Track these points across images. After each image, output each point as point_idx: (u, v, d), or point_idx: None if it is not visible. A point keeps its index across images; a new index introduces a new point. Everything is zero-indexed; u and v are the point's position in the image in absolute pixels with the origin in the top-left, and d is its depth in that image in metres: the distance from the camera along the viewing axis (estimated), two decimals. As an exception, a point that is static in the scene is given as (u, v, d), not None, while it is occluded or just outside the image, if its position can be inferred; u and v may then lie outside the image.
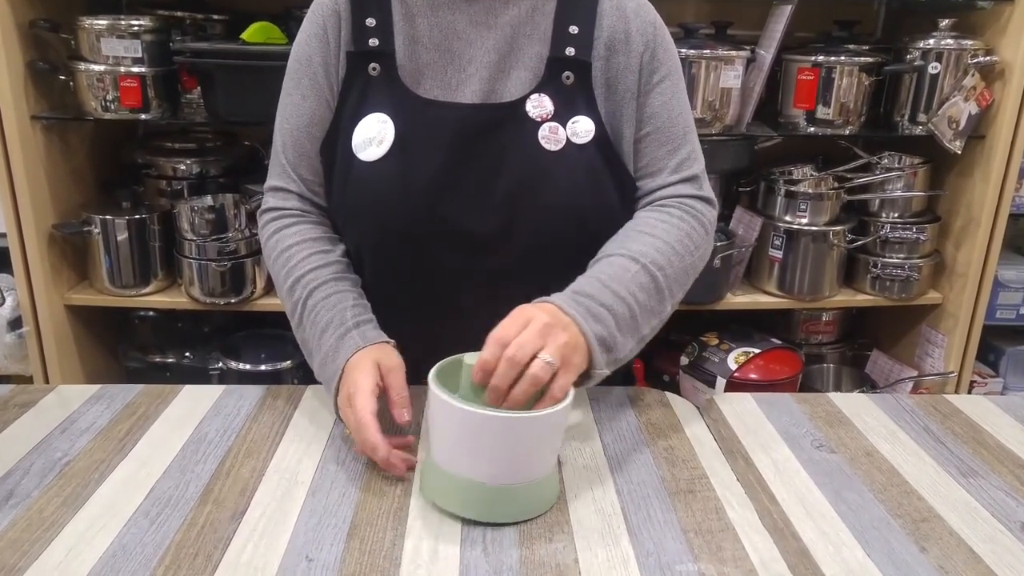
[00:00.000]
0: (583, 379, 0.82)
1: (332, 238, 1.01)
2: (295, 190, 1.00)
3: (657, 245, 0.91)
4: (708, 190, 1.00)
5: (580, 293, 0.84)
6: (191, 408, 0.95)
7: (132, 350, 2.01)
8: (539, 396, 0.75)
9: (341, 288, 0.94)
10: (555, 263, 0.97)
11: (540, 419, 0.73)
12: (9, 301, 1.83)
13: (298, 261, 0.96)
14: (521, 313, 0.78)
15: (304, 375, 0.98)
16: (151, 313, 2.00)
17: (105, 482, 0.80)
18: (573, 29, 0.94)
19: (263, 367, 1.91)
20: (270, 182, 1.02)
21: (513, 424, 0.72)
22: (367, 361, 0.86)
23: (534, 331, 0.76)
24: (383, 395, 0.85)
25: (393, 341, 0.91)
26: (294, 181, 1.00)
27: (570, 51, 0.93)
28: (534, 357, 0.74)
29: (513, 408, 0.74)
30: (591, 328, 0.81)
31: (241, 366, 1.90)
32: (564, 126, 0.93)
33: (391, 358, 0.87)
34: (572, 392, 0.76)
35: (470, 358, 0.76)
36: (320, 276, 0.95)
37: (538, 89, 0.93)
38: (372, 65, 0.94)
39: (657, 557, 0.71)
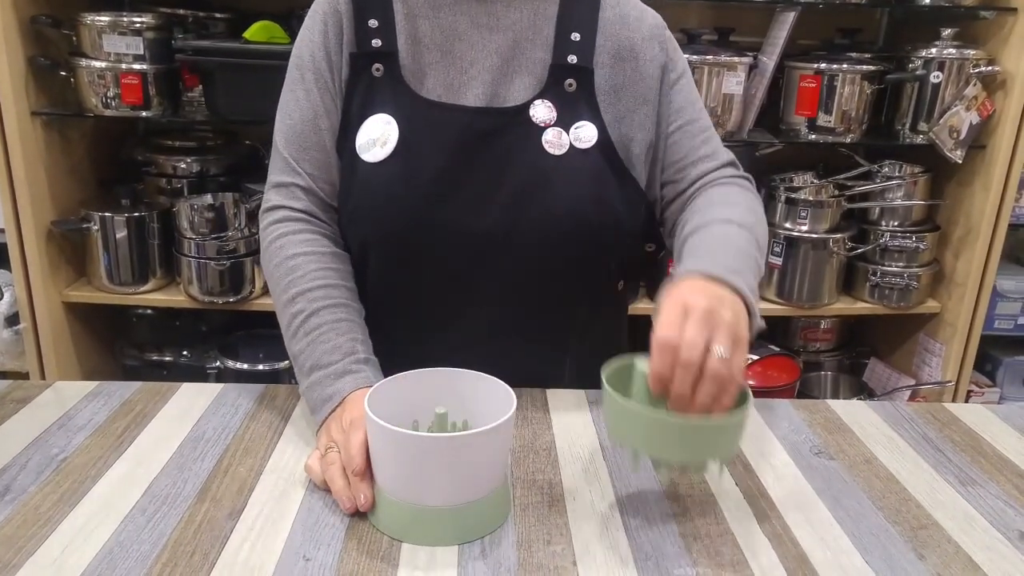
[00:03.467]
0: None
1: (341, 255, 0.97)
2: (303, 184, 0.97)
3: (737, 211, 0.91)
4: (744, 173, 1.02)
5: (709, 254, 0.80)
6: (189, 406, 0.95)
7: (129, 348, 2.01)
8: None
9: (351, 317, 0.91)
10: (557, 268, 0.97)
11: (483, 435, 0.71)
12: (7, 297, 1.83)
13: (305, 273, 0.92)
14: (677, 303, 0.70)
15: (302, 375, 0.97)
16: (149, 311, 2.00)
17: (102, 479, 0.80)
18: (575, 36, 0.94)
19: (260, 367, 1.90)
20: (274, 178, 0.99)
21: (454, 442, 0.71)
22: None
23: (698, 323, 0.68)
24: None
25: None
26: (300, 175, 0.97)
27: (572, 58, 0.94)
28: (707, 351, 0.67)
29: (701, 410, 0.67)
30: (744, 283, 0.75)
31: (238, 365, 1.90)
32: (567, 131, 0.93)
33: None
34: (514, 407, 0.74)
35: (642, 363, 0.70)
36: (330, 296, 0.91)
37: (541, 95, 0.94)
38: (376, 66, 0.94)
39: (656, 561, 0.71)
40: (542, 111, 0.93)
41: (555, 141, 0.93)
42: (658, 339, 0.68)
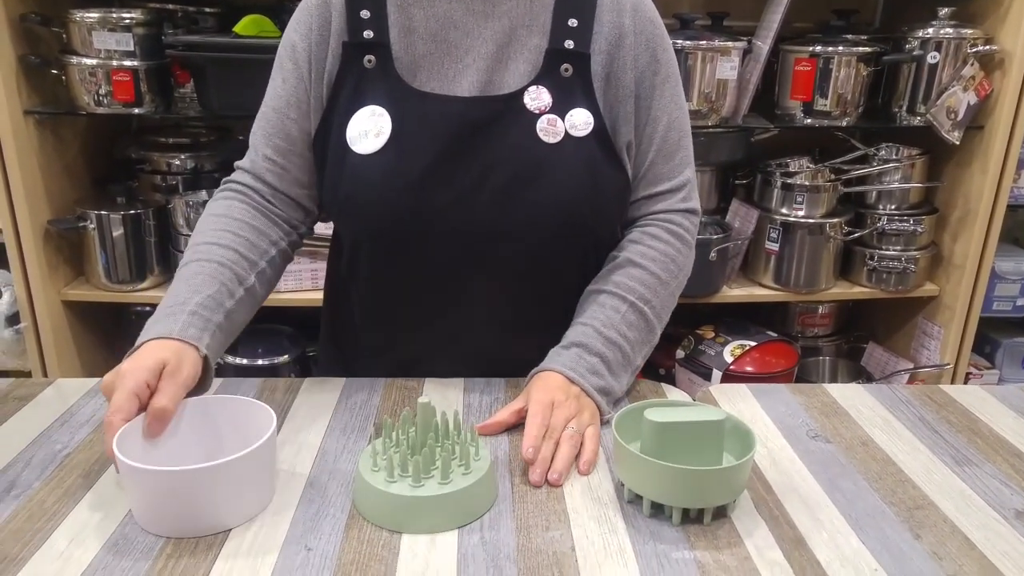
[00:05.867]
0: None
1: (257, 228, 0.96)
2: (248, 167, 0.99)
3: (643, 278, 0.96)
4: (693, 199, 1.01)
5: (578, 345, 0.93)
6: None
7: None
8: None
9: (213, 272, 0.89)
10: (551, 256, 0.97)
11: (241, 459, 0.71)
12: (6, 297, 1.83)
13: (204, 230, 0.94)
14: (547, 397, 0.88)
15: (301, 369, 0.97)
16: (148, 308, 2.00)
17: (106, 473, 0.81)
18: (572, 22, 0.93)
19: (260, 361, 1.90)
20: (238, 162, 1.02)
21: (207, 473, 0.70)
22: (154, 358, 0.79)
23: (561, 410, 0.87)
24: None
25: (207, 354, 0.84)
26: (250, 159, 0.99)
27: (569, 44, 0.93)
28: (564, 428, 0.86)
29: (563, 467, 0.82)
30: (592, 384, 0.91)
31: (238, 360, 1.91)
32: (562, 118, 0.93)
33: (185, 364, 0.80)
34: (273, 426, 0.75)
35: (652, 412, 0.77)
36: (209, 253, 0.91)
37: (536, 81, 0.93)
38: (367, 57, 0.94)
39: (653, 545, 0.72)
40: (536, 98, 0.93)
41: (549, 128, 0.92)
42: (533, 416, 0.84)
